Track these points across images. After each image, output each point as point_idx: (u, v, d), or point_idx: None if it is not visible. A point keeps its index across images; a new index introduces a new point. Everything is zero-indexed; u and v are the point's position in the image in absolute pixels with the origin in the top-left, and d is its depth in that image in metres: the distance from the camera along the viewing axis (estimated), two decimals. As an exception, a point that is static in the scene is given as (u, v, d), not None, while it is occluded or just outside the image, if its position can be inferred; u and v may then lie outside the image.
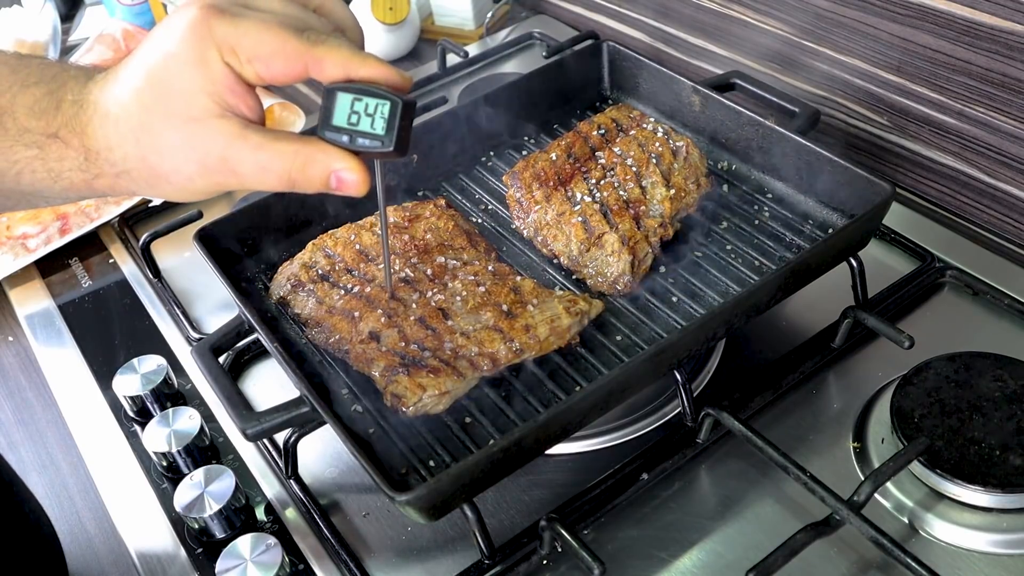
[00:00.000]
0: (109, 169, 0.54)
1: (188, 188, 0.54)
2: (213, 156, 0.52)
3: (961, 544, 0.65)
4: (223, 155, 0.52)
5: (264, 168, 0.53)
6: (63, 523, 0.78)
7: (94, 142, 0.53)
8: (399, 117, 0.54)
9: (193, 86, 0.51)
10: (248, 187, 0.54)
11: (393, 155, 0.55)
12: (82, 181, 0.54)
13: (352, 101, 0.54)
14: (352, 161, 0.54)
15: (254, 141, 0.52)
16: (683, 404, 0.73)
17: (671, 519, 0.70)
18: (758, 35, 1.07)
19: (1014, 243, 0.90)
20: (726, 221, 0.84)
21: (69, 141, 0.53)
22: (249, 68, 0.52)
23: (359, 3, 1.32)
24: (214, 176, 0.53)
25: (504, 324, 0.71)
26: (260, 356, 0.88)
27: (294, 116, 1.18)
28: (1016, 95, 0.83)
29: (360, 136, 0.55)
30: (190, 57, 0.51)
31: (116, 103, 0.52)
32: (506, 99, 0.97)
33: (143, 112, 0.52)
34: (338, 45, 0.53)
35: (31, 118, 0.53)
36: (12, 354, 0.97)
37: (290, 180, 0.54)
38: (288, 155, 0.53)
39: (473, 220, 0.89)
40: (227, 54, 0.51)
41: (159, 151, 0.52)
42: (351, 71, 0.53)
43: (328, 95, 0.54)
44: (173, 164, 0.53)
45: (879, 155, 1.00)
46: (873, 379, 0.77)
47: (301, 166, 0.53)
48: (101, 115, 0.53)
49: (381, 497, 0.73)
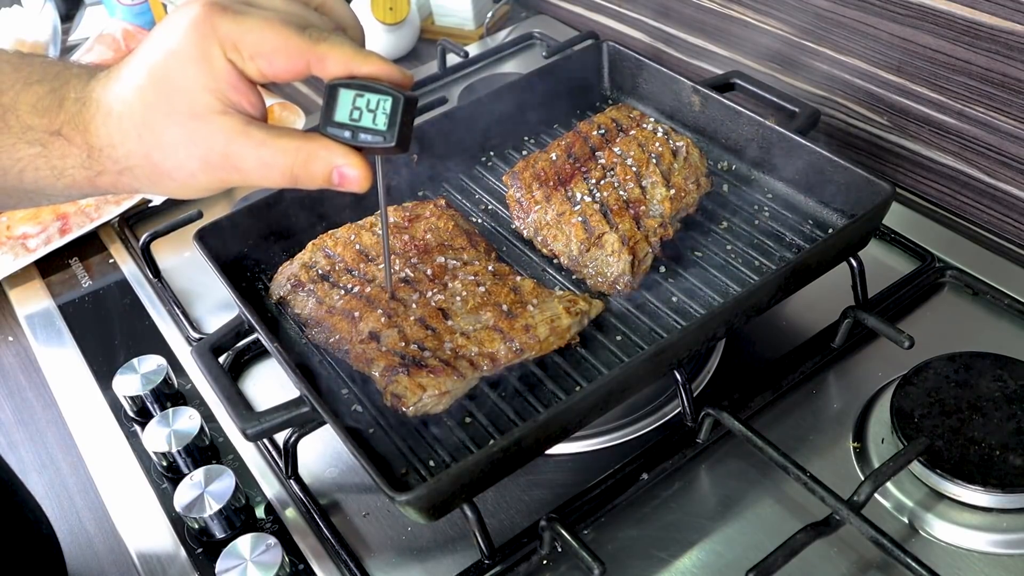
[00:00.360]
0: (112, 166, 0.54)
1: (191, 185, 0.55)
2: (216, 152, 0.53)
3: (961, 544, 0.65)
4: (226, 151, 0.52)
5: (267, 164, 0.53)
6: (63, 523, 0.78)
7: (97, 139, 0.53)
8: (401, 113, 0.54)
9: (196, 83, 0.51)
10: (251, 183, 0.55)
11: (395, 151, 0.55)
12: (85, 179, 0.55)
13: (354, 97, 0.54)
14: (354, 157, 0.55)
15: (257, 137, 0.53)
16: (683, 404, 0.73)
17: (671, 519, 0.70)
18: (758, 35, 1.07)
19: (1014, 243, 0.90)
20: (726, 221, 0.84)
21: (72, 138, 0.53)
22: (252, 65, 0.52)
23: (359, 3, 1.32)
24: (217, 172, 0.53)
25: (504, 324, 0.71)
26: (260, 356, 0.88)
27: (294, 116, 1.18)
28: (1016, 95, 0.83)
29: (362, 132, 0.55)
30: (193, 54, 0.51)
31: (119, 100, 0.53)
32: (506, 99, 0.97)
33: (146, 109, 0.52)
34: (340, 42, 0.53)
35: (34, 116, 0.53)
36: (12, 354, 0.97)
37: (292, 176, 0.54)
38: (290, 151, 0.53)
39: (473, 220, 0.89)
40: (230, 51, 0.51)
41: (162, 148, 0.53)
42: (353, 68, 0.53)
43: (330, 91, 0.55)
44: (176, 161, 0.53)
45: (879, 155, 1.00)
46: (873, 379, 0.77)
47: (303, 162, 0.54)
48: (104, 112, 0.53)
49: (381, 497, 0.73)
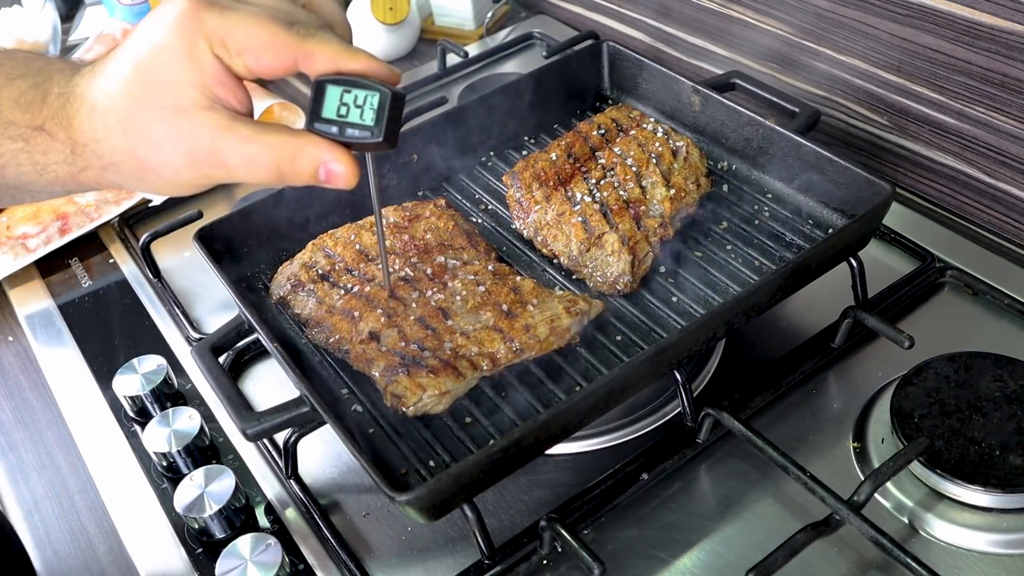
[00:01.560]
0: (96, 162, 0.53)
1: (176, 181, 0.54)
2: (201, 148, 0.52)
3: (961, 544, 0.65)
4: (211, 147, 0.52)
5: (252, 160, 0.52)
6: (63, 523, 0.78)
7: (81, 134, 0.52)
8: (388, 108, 0.54)
9: (181, 78, 0.51)
10: (237, 179, 0.54)
11: (383, 146, 0.55)
12: (68, 174, 0.54)
13: (341, 93, 0.54)
14: (341, 153, 0.54)
15: (243, 133, 0.52)
16: (683, 404, 0.73)
17: (671, 519, 0.70)
18: (758, 35, 1.07)
19: (1014, 243, 0.90)
20: (726, 221, 0.84)
21: (55, 134, 0.53)
22: (239, 61, 0.51)
23: (359, 3, 1.32)
24: (202, 168, 0.53)
25: (504, 324, 0.71)
26: (260, 356, 0.88)
27: (294, 116, 1.17)
28: (1016, 95, 0.83)
29: (350, 127, 0.54)
30: (179, 48, 0.50)
31: (103, 95, 0.52)
32: (506, 99, 0.97)
33: (131, 103, 0.51)
34: (328, 39, 0.53)
35: (16, 111, 0.52)
36: (12, 354, 0.97)
37: (279, 172, 0.53)
38: (276, 147, 0.53)
39: (473, 220, 0.89)
40: (216, 46, 0.51)
41: (147, 143, 0.52)
42: (341, 64, 0.53)
43: (317, 88, 0.54)
44: (161, 156, 0.52)
45: (879, 155, 1.00)
46: (873, 379, 0.77)
47: (290, 158, 0.53)
48: (88, 107, 0.52)
49: (381, 497, 0.73)
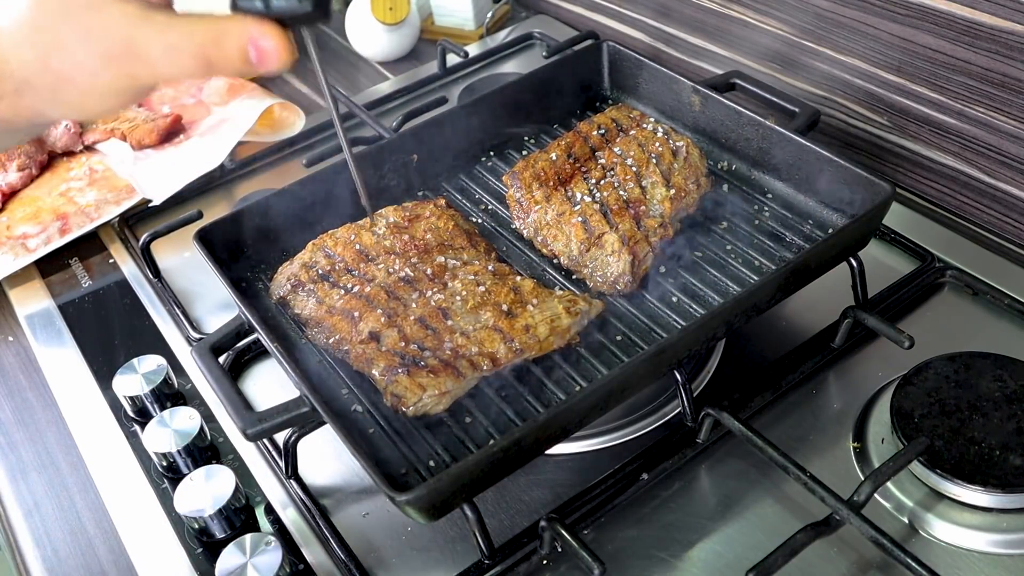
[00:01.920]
0: (9, 85, 0.50)
1: (95, 88, 0.51)
2: (117, 43, 0.49)
3: (961, 544, 0.65)
4: (128, 39, 0.49)
5: (174, 48, 0.50)
6: (63, 523, 0.78)
7: None
8: None
9: None
10: (160, 75, 0.51)
11: (314, 17, 0.51)
12: None
13: None
14: (269, 27, 0.51)
15: (160, 21, 0.49)
16: (683, 404, 0.73)
17: (671, 519, 0.70)
18: (758, 35, 1.07)
19: (1014, 243, 0.90)
20: (726, 221, 0.84)
21: None
22: None
23: (359, 3, 1.32)
24: (121, 66, 0.50)
25: (504, 324, 0.71)
26: (260, 356, 0.88)
27: (294, 116, 1.17)
28: (1016, 95, 0.83)
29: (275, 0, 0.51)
30: None
31: (4, 13, 0.49)
32: (506, 99, 0.97)
33: (36, 10, 0.49)
34: None
35: None
36: (12, 354, 0.97)
37: (205, 59, 0.50)
38: (199, 32, 0.50)
39: (473, 220, 0.89)
40: None
41: (58, 47, 0.49)
42: None
43: None
44: (74, 60, 0.50)
45: (879, 155, 1.00)
46: (873, 379, 0.77)
47: (214, 41, 0.50)
48: None
49: (381, 497, 0.73)
